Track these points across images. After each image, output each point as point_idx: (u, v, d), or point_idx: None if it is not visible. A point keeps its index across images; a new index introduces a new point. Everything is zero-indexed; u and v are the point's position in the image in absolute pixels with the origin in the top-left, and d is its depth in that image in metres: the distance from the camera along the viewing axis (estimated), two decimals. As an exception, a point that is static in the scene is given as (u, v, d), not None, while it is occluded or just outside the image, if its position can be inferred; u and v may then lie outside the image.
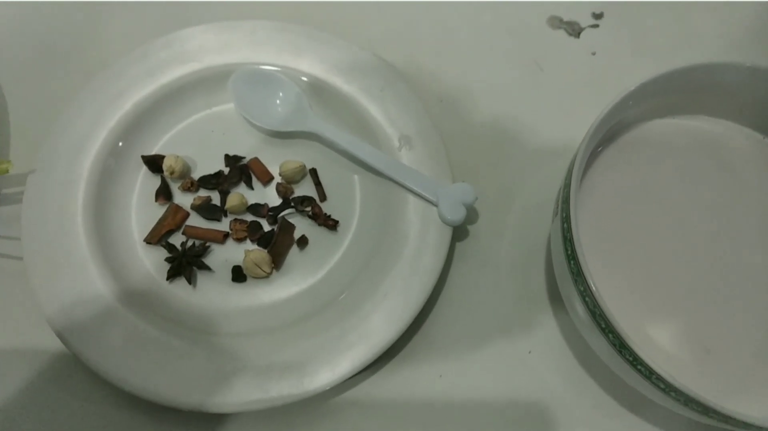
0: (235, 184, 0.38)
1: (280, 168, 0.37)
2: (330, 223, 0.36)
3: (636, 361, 0.25)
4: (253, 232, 0.36)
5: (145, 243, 0.36)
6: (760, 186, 0.32)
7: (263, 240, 0.36)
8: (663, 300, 0.30)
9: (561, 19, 0.45)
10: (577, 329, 0.31)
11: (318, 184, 0.38)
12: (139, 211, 0.37)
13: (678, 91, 0.31)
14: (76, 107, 0.38)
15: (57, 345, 0.32)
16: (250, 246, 0.36)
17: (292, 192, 0.38)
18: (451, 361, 0.34)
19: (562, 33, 0.44)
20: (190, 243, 0.36)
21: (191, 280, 0.35)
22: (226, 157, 0.38)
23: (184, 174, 0.38)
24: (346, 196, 0.38)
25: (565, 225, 0.28)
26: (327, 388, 0.31)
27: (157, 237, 0.36)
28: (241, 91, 0.39)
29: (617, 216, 0.32)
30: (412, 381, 0.34)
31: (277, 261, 0.35)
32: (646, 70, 0.29)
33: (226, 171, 0.38)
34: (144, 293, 0.34)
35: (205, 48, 0.40)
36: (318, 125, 0.38)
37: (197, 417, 0.32)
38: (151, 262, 0.35)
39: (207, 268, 0.35)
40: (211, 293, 0.35)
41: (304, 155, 0.38)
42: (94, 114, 0.38)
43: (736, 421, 0.24)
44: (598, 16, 0.45)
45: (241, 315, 0.34)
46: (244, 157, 0.38)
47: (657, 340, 0.29)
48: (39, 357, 0.34)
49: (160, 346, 0.32)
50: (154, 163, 0.37)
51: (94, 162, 0.36)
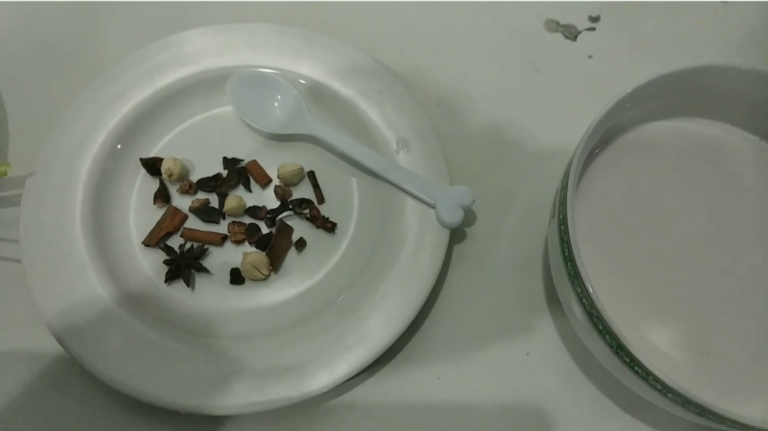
0: (234, 186, 0.38)
1: (279, 170, 0.37)
2: (328, 226, 0.36)
3: (633, 362, 0.25)
4: (251, 235, 0.36)
5: (143, 246, 0.36)
6: (757, 188, 0.33)
7: (261, 242, 0.36)
8: (660, 301, 0.30)
9: (558, 23, 0.45)
10: (575, 331, 0.31)
11: (316, 187, 0.38)
12: (138, 214, 0.37)
13: (674, 93, 0.31)
14: (74, 110, 0.38)
15: (55, 347, 0.32)
16: (248, 248, 0.36)
17: (291, 194, 0.38)
18: (449, 363, 0.34)
19: (559, 36, 0.45)
20: (188, 246, 0.36)
21: (189, 283, 0.35)
22: (225, 159, 0.38)
23: (183, 176, 0.38)
24: (344, 199, 0.38)
25: (562, 228, 0.28)
26: (325, 390, 0.31)
27: (155, 240, 0.36)
28: (239, 93, 0.39)
29: (614, 219, 0.32)
30: (410, 383, 0.34)
31: (275, 263, 0.35)
32: (643, 73, 0.29)
33: (225, 173, 0.38)
34: (142, 295, 0.34)
35: (204, 51, 0.40)
36: (316, 128, 0.38)
37: (196, 419, 0.32)
38: (150, 265, 0.35)
39: (205, 271, 0.35)
40: (209, 295, 0.35)
41: (302, 158, 0.38)
42: (92, 116, 0.38)
43: (733, 422, 0.24)
44: (595, 19, 0.45)
45: (239, 318, 0.34)
46: (243, 160, 0.38)
47: (654, 342, 0.29)
48: (37, 360, 0.34)
49: (159, 348, 0.32)
50: (153, 165, 0.37)
51: (92, 164, 0.36)
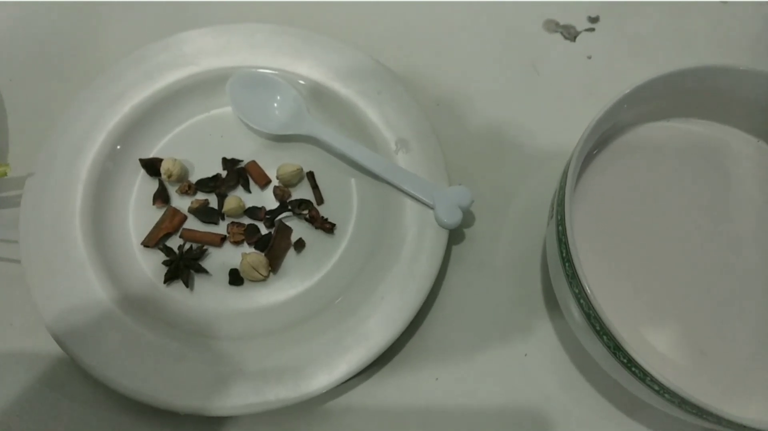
0: (233, 187, 0.38)
1: (278, 171, 0.37)
2: (327, 226, 0.36)
3: (630, 363, 0.25)
4: (250, 235, 0.36)
5: (142, 247, 0.36)
6: (755, 189, 0.33)
7: (260, 243, 0.36)
8: (658, 302, 0.30)
9: (557, 23, 0.45)
10: (573, 332, 0.31)
11: (315, 188, 0.38)
12: (137, 214, 0.37)
13: (672, 94, 0.31)
14: (74, 110, 0.38)
15: (55, 348, 0.32)
16: (247, 249, 0.36)
17: (290, 195, 0.38)
18: (447, 364, 0.34)
19: (558, 37, 0.45)
20: (187, 247, 0.36)
21: (188, 283, 0.35)
22: (224, 160, 0.38)
23: (182, 177, 0.38)
24: (343, 199, 0.38)
25: (560, 228, 0.28)
26: (324, 391, 0.31)
27: (154, 241, 0.36)
28: (238, 94, 0.39)
29: (612, 219, 0.32)
30: (408, 384, 0.34)
31: (274, 264, 0.35)
32: (642, 73, 0.29)
33: (224, 174, 0.38)
34: (141, 296, 0.34)
35: (203, 51, 0.40)
36: (315, 128, 0.38)
37: (194, 420, 0.32)
38: (149, 265, 0.35)
39: (204, 271, 0.35)
40: (208, 296, 0.35)
41: (301, 158, 0.38)
42: (92, 117, 0.38)
43: (730, 423, 0.24)
44: (594, 19, 0.45)
45: (238, 319, 0.34)
46: (242, 161, 0.38)
47: (652, 342, 0.29)
48: (37, 361, 0.34)
49: (158, 349, 0.32)
50: (152, 166, 0.37)
51: (92, 165, 0.36)
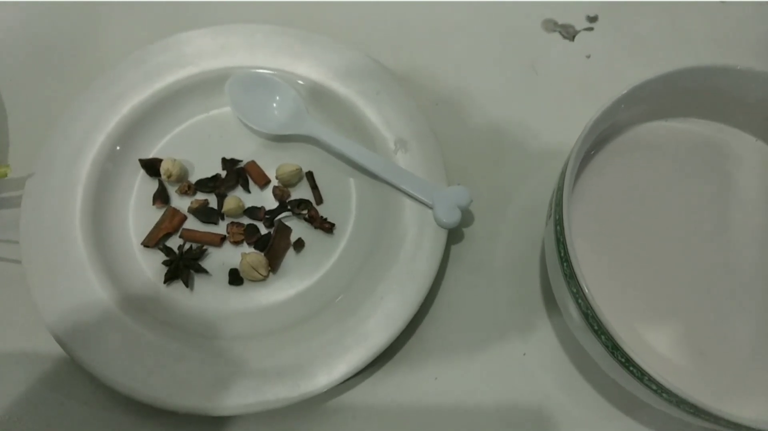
0: (232, 187, 0.38)
1: (277, 171, 0.38)
2: (326, 226, 0.36)
3: (628, 363, 0.26)
4: (249, 235, 0.36)
5: (142, 247, 0.36)
6: (753, 188, 0.33)
7: (260, 243, 0.36)
8: (656, 302, 0.30)
9: (556, 23, 0.45)
10: (572, 331, 0.31)
11: (314, 188, 0.38)
12: (137, 215, 0.37)
13: (670, 94, 0.31)
14: (74, 111, 0.38)
15: (56, 348, 0.32)
16: (246, 249, 0.36)
17: (289, 195, 0.38)
18: (446, 363, 0.34)
19: (557, 36, 0.45)
20: (187, 247, 0.36)
21: (188, 283, 0.35)
22: (224, 160, 0.38)
23: (182, 177, 0.38)
24: (343, 199, 0.38)
25: (558, 228, 0.28)
26: (324, 391, 0.31)
27: (154, 241, 0.36)
28: (238, 94, 0.39)
29: (611, 219, 0.32)
30: (408, 383, 0.34)
31: (273, 264, 0.35)
32: (641, 73, 0.29)
33: (224, 174, 0.38)
34: (141, 296, 0.34)
35: (203, 52, 0.40)
36: (315, 129, 0.38)
37: (194, 420, 0.32)
38: (149, 265, 0.35)
39: (204, 271, 0.35)
40: (207, 296, 0.35)
41: (300, 158, 0.39)
42: (92, 118, 0.38)
43: (727, 422, 0.24)
44: (593, 19, 0.45)
45: (238, 318, 0.34)
46: (241, 161, 0.39)
47: (650, 342, 0.29)
48: (38, 361, 0.34)
49: (158, 349, 0.32)
50: (152, 166, 0.38)
51: (92, 166, 0.37)
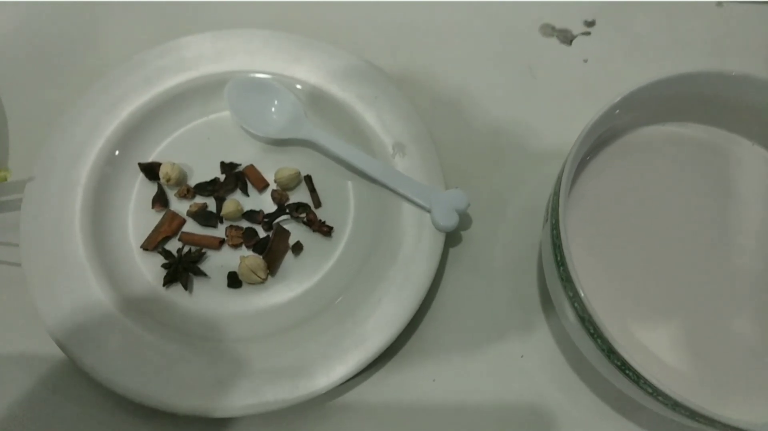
0: (231, 190, 0.38)
1: (276, 175, 0.38)
2: (324, 229, 0.37)
3: (624, 366, 0.26)
4: (248, 239, 0.36)
5: (141, 250, 0.36)
6: (749, 191, 0.33)
7: (258, 246, 0.36)
8: (653, 305, 0.30)
9: (553, 27, 0.45)
10: (568, 333, 0.31)
11: (313, 191, 0.38)
12: (136, 218, 0.37)
13: (665, 99, 0.31)
14: (73, 115, 0.38)
15: (56, 350, 0.32)
16: (245, 252, 0.36)
17: (287, 198, 0.38)
18: (444, 365, 0.34)
19: (554, 40, 0.45)
20: (186, 250, 0.36)
21: (187, 286, 0.35)
22: (222, 164, 0.39)
23: (181, 181, 0.38)
24: (341, 203, 0.38)
25: (554, 232, 0.28)
26: (322, 392, 0.31)
27: (153, 244, 0.36)
28: (236, 99, 0.39)
29: (608, 222, 0.32)
30: (406, 384, 0.34)
31: (272, 267, 0.35)
32: (638, 77, 0.29)
33: (222, 178, 0.38)
34: (141, 299, 0.34)
35: (202, 56, 0.40)
36: (313, 133, 0.38)
37: (194, 421, 0.32)
38: (148, 268, 0.36)
39: (203, 274, 0.35)
40: (206, 299, 0.35)
41: (299, 162, 0.39)
42: (91, 122, 0.38)
43: (723, 425, 0.24)
44: (590, 23, 0.45)
45: (237, 321, 0.34)
46: (240, 164, 0.39)
47: (647, 345, 0.29)
48: (38, 363, 0.34)
49: (157, 351, 0.32)
50: (151, 170, 0.38)
51: (91, 169, 0.37)
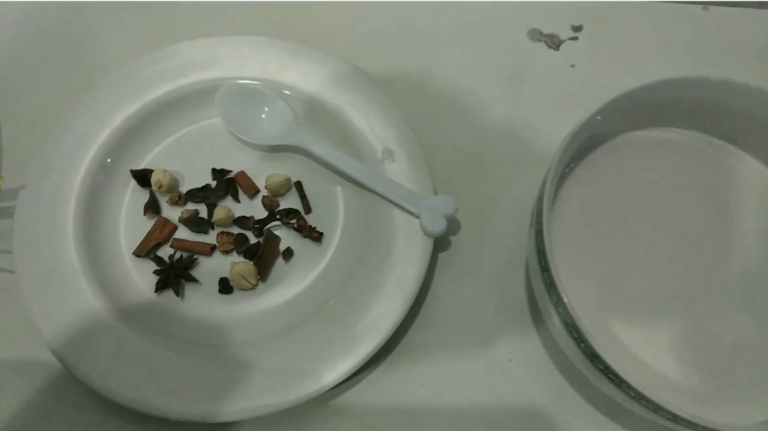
0: (222, 197, 0.38)
1: (266, 181, 0.38)
2: (315, 235, 0.37)
3: (607, 370, 0.26)
4: (239, 245, 0.37)
5: (134, 257, 0.36)
6: (732, 195, 0.33)
7: (249, 252, 0.36)
8: (637, 309, 0.30)
9: (541, 32, 0.45)
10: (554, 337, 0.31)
11: (303, 197, 0.38)
12: (128, 225, 0.37)
13: (648, 105, 0.32)
14: (66, 123, 0.38)
15: (50, 356, 0.32)
16: (236, 258, 0.37)
17: (278, 204, 0.38)
18: (433, 369, 0.35)
19: (542, 45, 0.45)
20: (177, 256, 0.36)
21: (179, 292, 0.35)
22: (213, 170, 0.39)
23: (172, 188, 0.38)
24: (331, 209, 0.38)
25: (538, 238, 0.28)
26: (314, 396, 0.32)
27: (145, 250, 0.36)
28: (227, 106, 0.39)
29: (593, 228, 0.32)
30: (396, 388, 0.34)
31: (263, 272, 0.36)
32: (624, 81, 0.30)
33: (214, 184, 0.39)
34: (133, 305, 0.35)
35: (192, 63, 0.41)
36: (303, 139, 0.39)
37: (185, 426, 0.32)
38: (140, 275, 0.36)
39: (194, 280, 0.36)
40: (198, 305, 0.35)
41: (289, 168, 0.39)
42: (84, 130, 0.38)
43: (704, 429, 0.25)
44: (578, 28, 0.46)
45: (228, 326, 0.35)
46: (231, 171, 0.39)
47: (632, 349, 0.30)
48: (33, 369, 0.34)
49: (149, 357, 0.32)
50: (143, 177, 0.38)
51: (84, 177, 0.37)
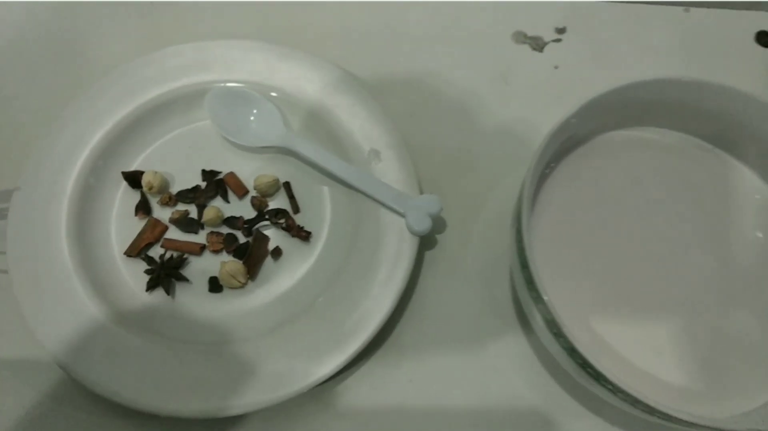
0: (212, 197, 0.39)
1: (255, 182, 0.39)
2: (303, 235, 0.37)
3: (585, 364, 0.27)
4: (228, 244, 0.37)
5: (125, 257, 0.37)
6: (710, 194, 0.34)
7: (239, 251, 0.37)
8: (615, 306, 0.31)
9: (525, 35, 0.46)
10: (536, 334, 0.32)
11: (291, 197, 0.39)
12: (120, 226, 0.38)
13: (626, 105, 0.32)
14: (58, 126, 0.39)
15: (44, 356, 0.33)
16: (226, 257, 0.37)
17: (267, 205, 0.39)
18: (420, 365, 0.35)
19: (526, 48, 0.46)
20: (168, 256, 0.37)
21: (169, 291, 0.36)
22: (203, 171, 0.40)
23: (163, 189, 0.39)
24: (319, 208, 0.39)
25: (518, 236, 0.29)
26: (303, 392, 0.32)
27: (136, 250, 0.37)
28: (216, 108, 0.40)
29: (575, 226, 0.33)
30: (382, 386, 0.35)
31: (252, 271, 0.36)
32: (606, 82, 0.30)
33: (203, 185, 0.39)
34: (124, 304, 0.35)
35: (183, 67, 0.41)
36: (291, 140, 0.39)
37: (178, 423, 0.33)
38: (131, 274, 0.37)
39: (185, 279, 0.36)
40: (188, 303, 0.36)
41: (278, 169, 0.40)
42: (76, 133, 0.39)
43: (679, 421, 0.25)
44: (561, 30, 0.46)
45: (218, 325, 0.35)
46: (221, 172, 0.39)
47: (611, 344, 0.30)
48: (26, 368, 0.35)
49: (141, 355, 0.33)
50: (134, 178, 0.39)
51: (76, 179, 0.38)
